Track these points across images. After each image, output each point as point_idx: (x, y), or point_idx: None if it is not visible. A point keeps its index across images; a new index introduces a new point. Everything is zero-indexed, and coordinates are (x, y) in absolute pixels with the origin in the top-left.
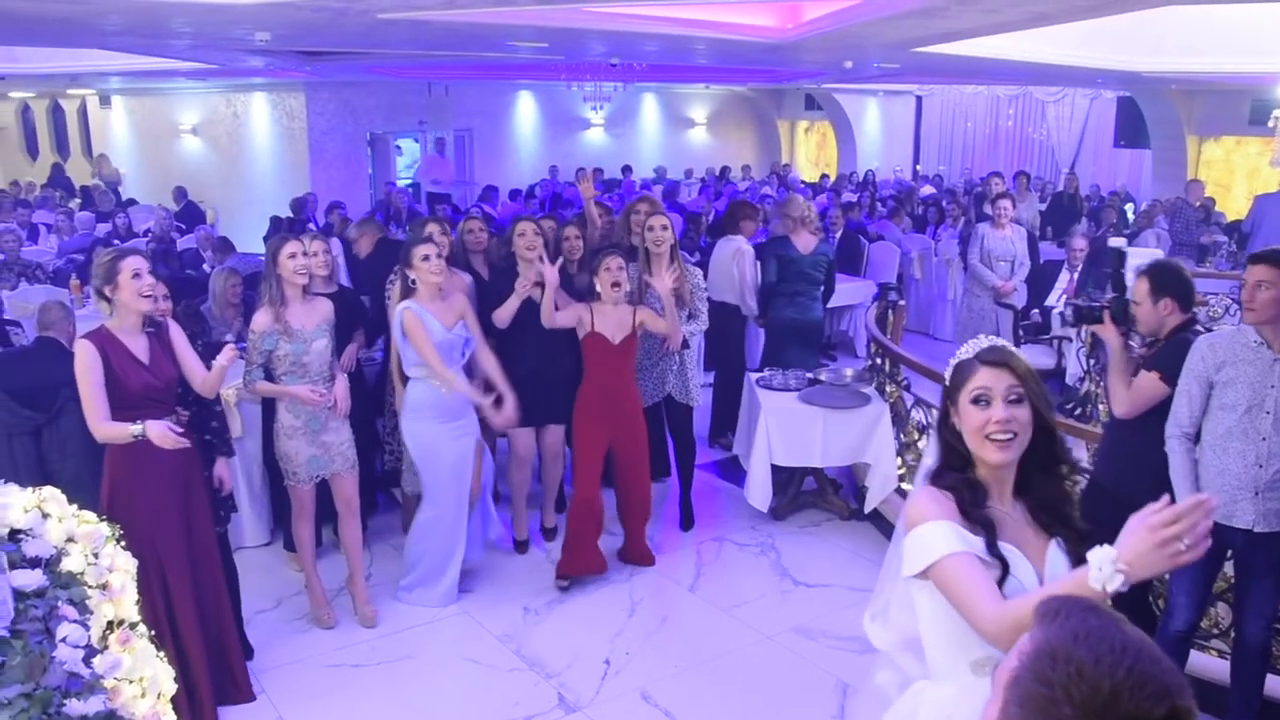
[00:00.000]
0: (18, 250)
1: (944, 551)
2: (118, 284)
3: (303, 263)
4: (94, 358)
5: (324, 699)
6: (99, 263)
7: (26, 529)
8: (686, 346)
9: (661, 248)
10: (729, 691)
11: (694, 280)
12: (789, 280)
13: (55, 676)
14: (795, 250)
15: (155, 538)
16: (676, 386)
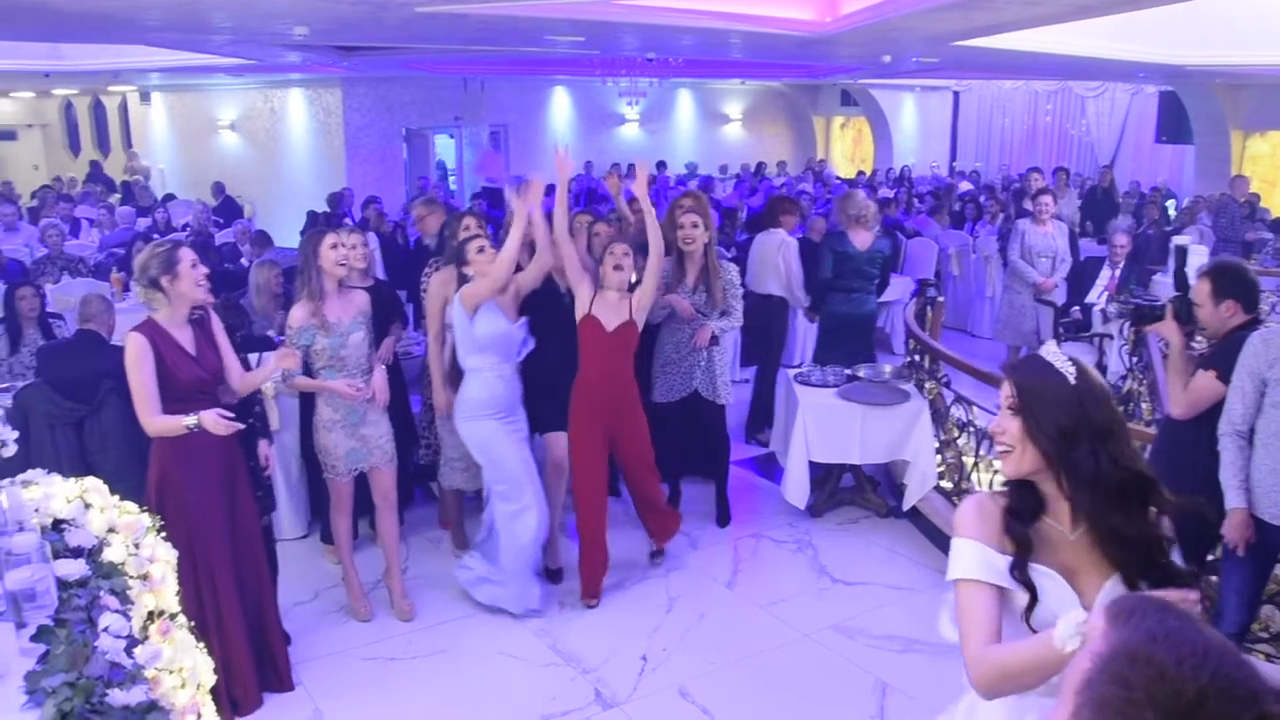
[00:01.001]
0: (60, 244)
1: (959, 574)
2: (177, 273)
3: (343, 254)
4: (145, 351)
5: (360, 691)
6: (154, 254)
7: (69, 519)
8: (716, 343)
9: (692, 246)
10: (767, 689)
11: (728, 277)
12: (845, 276)
13: (98, 666)
14: (852, 246)
15: (201, 528)
16: (704, 383)
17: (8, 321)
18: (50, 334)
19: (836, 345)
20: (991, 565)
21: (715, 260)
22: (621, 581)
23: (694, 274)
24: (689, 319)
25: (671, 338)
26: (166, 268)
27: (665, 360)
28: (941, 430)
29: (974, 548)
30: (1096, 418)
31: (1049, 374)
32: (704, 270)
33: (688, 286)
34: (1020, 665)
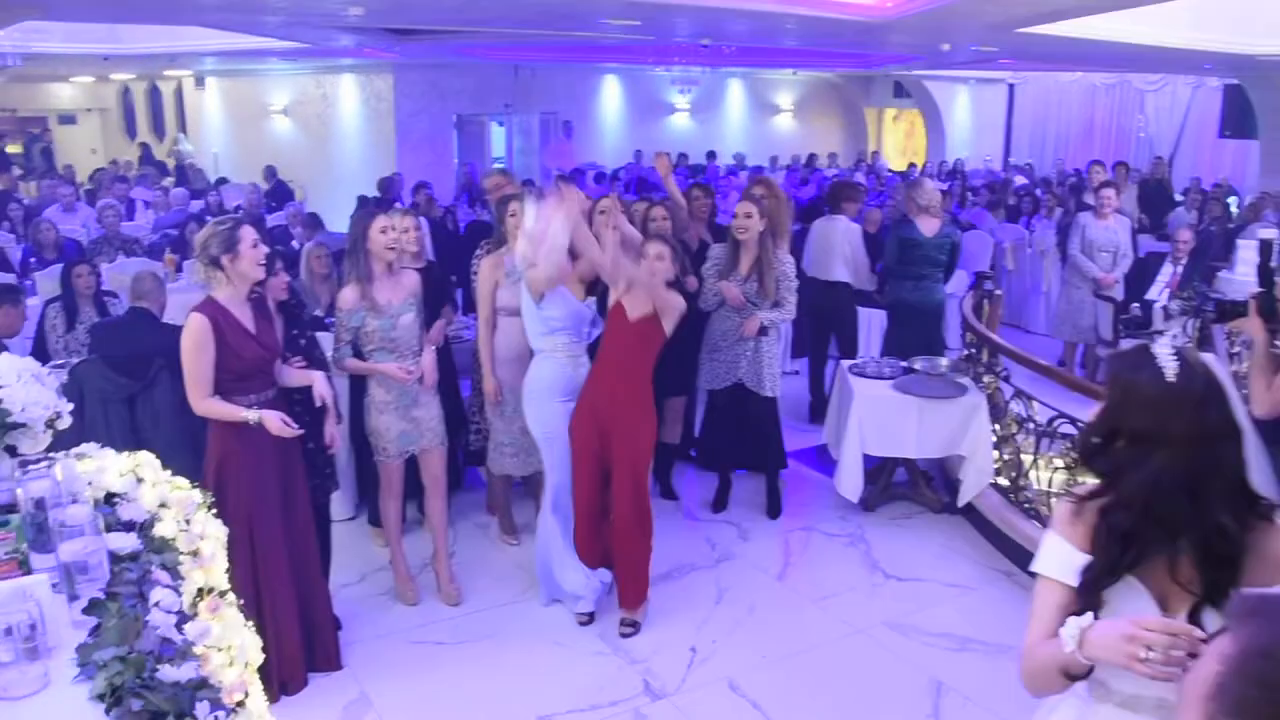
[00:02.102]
0: (117, 225)
1: (1037, 568)
2: (238, 252)
3: (393, 237)
4: (207, 333)
5: (406, 675)
6: (215, 232)
7: (121, 493)
8: (765, 334)
9: (745, 235)
10: (819, 685)
11: (782, 269)
12: (912, 263)
13: (149, 641)
14: (919, 233)
15: (259, 510)
16: (749, 374)
17: (65, 299)
18: (105, 312)
19: (906, 332)
20: (1069, 565)
21: (770, 251)
22: (670, 572)
23: (747, 263)
24: (738, 307)
25: (720, 325)
26: (227, 246)
27: (712, 347)
28: (999, 425)
29: (1056, 542)
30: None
31: (1142, 368)
32: (758, 260)
33: (740, 275)
34: (1039, 662)
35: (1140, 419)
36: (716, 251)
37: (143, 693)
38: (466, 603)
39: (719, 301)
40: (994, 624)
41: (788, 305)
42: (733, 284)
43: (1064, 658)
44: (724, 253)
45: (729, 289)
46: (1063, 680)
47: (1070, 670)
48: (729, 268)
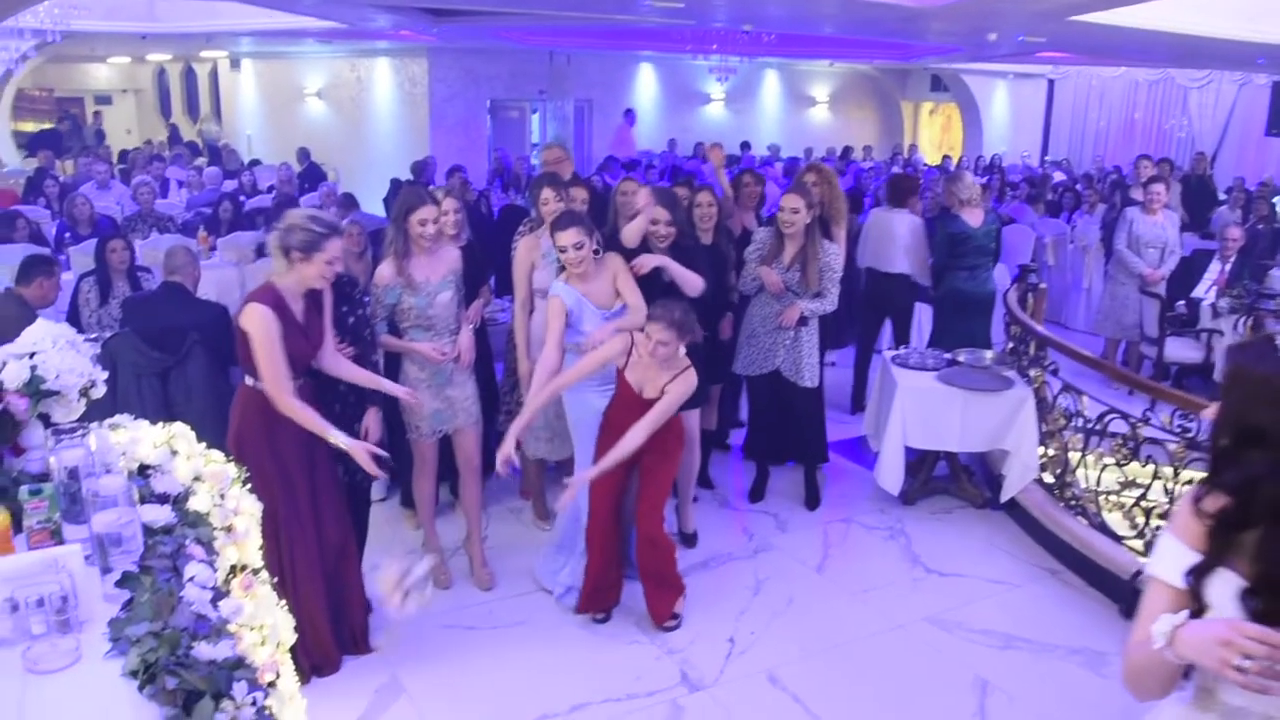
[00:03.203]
0: (151, 202)
1: (1149, 567)
2: (312, 259)
3: (431, 230)
4: (273, 324)
5: (438, 659)
6: (306, 226)
7: (155, 465)
8: (804, 324)
9: (791, 230)
10: (861, 680)
11: (826, 260)
12: (964, 255)
13: (183, 617)
14: (967, 225)
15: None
16: (786, 363)
17: (99, 273)
18: (139, 287)
19: (958, 323)
20: (1182, 566)
21: (816, 241)
22: (707, 561)
23: (791, 252)
24: (777, 294)
25: (760, 310)
26: (306, 247)
27: (750, 333)
28: (1046, 420)
29: (1170, 542)
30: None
31: (1267, 359)
32: (803, 250)
33: (783, 264)
34: (1136, 662)
35: (1268, 414)
36: (761, 235)
37: (178, 670)
38: (499, 587)
39: (758, 286)
40: (1039, 622)
41: (829, 296)
42: (774, 271)
43: (1154, 656)
44: (768, 238)
45: (769, 275)
46: (1162, 684)
47: (1162, 671)
48: (772, 254)
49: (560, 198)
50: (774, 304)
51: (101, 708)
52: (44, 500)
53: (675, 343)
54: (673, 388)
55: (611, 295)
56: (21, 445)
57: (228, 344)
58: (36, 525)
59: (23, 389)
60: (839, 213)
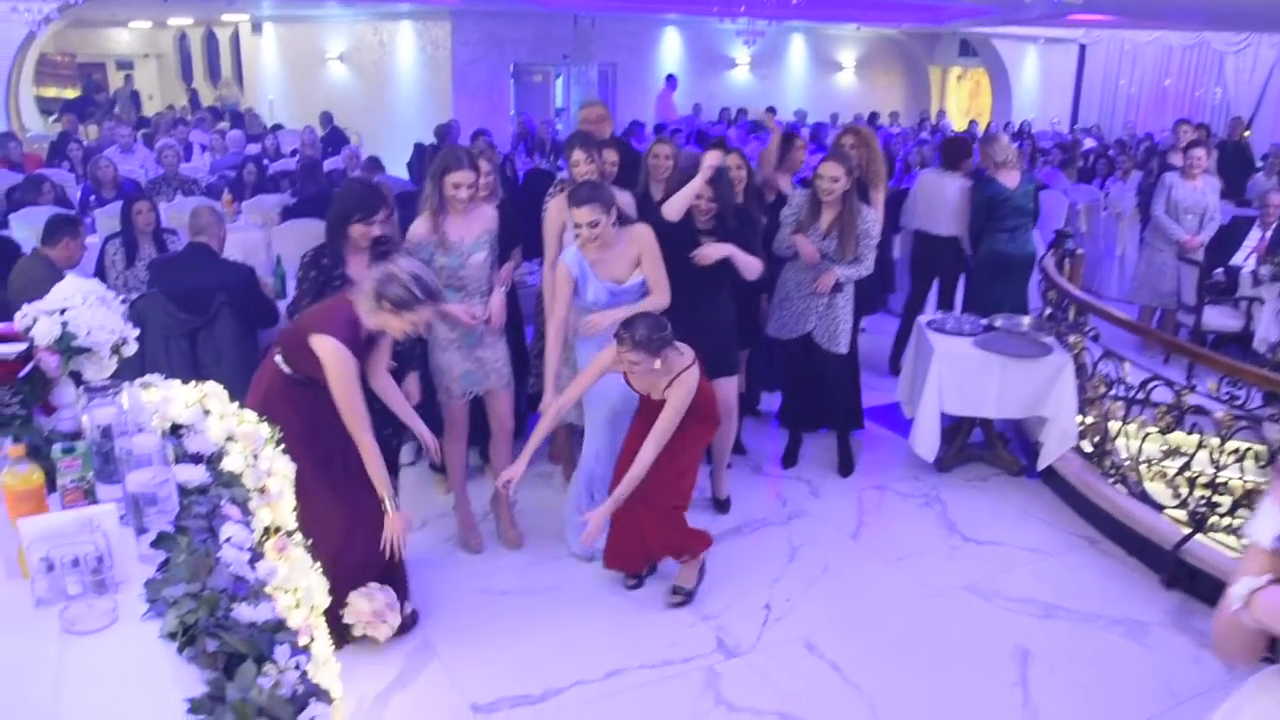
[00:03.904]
0: (176, 165)
1: (1246, 532)
2: (401, 315)
3: (464, 195)
4: (351, 362)
5: (470, 624)
6: (404, 283)
7: (188, 424)
8: (839, 290)
9: (831, 197)
10: (900, 648)
11: (864, 227)
12: (1005, 216)
13: (221, 578)
14: (1004, 187)
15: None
16: (820, 329)
17: (124, 235)
18: (164, 249)
19: (997, 286)
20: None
21: (854, 209)
22: (740, 527)
23: (828, 219)
24: (812, 264)
25: (794, 276)
26: (399, 304)
27: (783, 296)
28: (1087, 386)
29: (1269, 510)
30: None
31: None
32: (840, 216)
33: (819, 230)
34: (1218, 623)
35: None
36: (798, 200)
37: (218, 633)
38: (531, 552)
39: (794, 252)
40: (1079, 591)
41: (865, 262)
42: (810, 239)
43: (1233, 618)
44: (804, 203)
45: (805, 246)
46: (1243, 648)
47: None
48: (809, 221)
49: (591, 159)
50: (809, 269)
51: (140, 669)
52: (77, 459)
53: (647, 360)
54: (670, 394)
55: (628, 269)
56: (52, 404)
57: (255, 306)
58: (70, 484)
59: (53, 345)
60: (877, 176)
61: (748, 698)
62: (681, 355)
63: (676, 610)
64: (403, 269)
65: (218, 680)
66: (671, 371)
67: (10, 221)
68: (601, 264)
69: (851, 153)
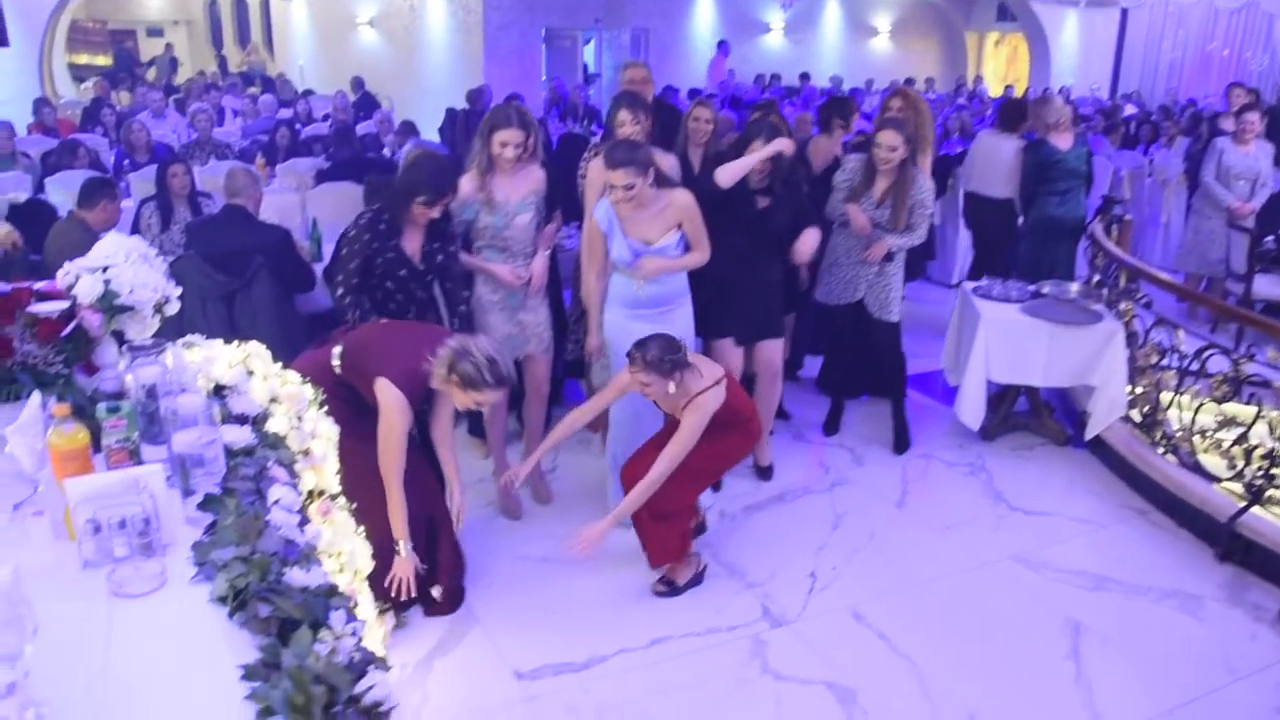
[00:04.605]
0: (209, 129)
1: None
2: (466, 391)
3: (511, 154)
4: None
5: (511, 591)
6: (478, 364)
7: (231, 385)
8: (890, 259)
9: (888, 166)
10: (948, 619)
11: (920, 197)
12: (1055, 179)
13: (271, 541)
14: (1057, 149)
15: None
16: (871, 297)
17: (160, 199)
18: (199, 212)
19: (1045, 250)
20: None
21: (909, 178)
22: (783, 495)
23: (882, 187)
24: (862, 234)
25: (844, 242)
26: (466, 382)
27: (832, 261)
28: (1138, 354)
29: None
30: None
31: None
32: (895, 185)
33: (872, 199)
34: None
35: None
36: (852, 165)
37: (270, 597)
38: (571, 518)
39: (846, 219)
40: (1130, 563)
41: (918, 230)
42: (863, 209)
43: None
44: (859, 170)
45: (857, 216)
46: None
47: None
48: (862, 189)
49: (637, 120)
50: (859, 236)
51: (190, 634)
52: (123, 419)
53: (659, 381)
54: (685, 415)
55: (660, 231)
56: (95, 363)
57: (292, 269)
58: (115, 444)
59: (96, 304)
60: (925, 140)
61: (794, 667)
62: (701, 378)
63: (720, 578)
64: (481, 348)
65: (272, 646)
66: (688, 394)
67: (46, 185)
68: (633, 223)
69: (899, 116)
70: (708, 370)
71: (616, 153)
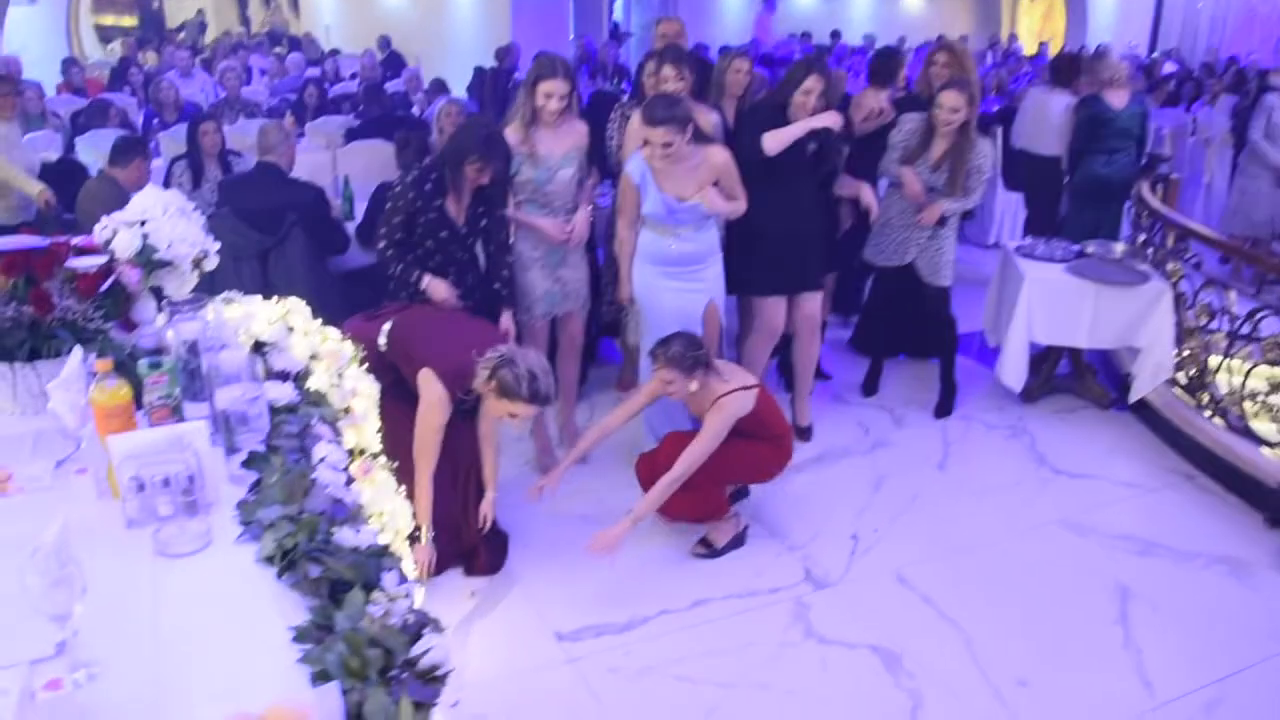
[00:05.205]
0: (238, 88)
1: None
2: (500, 401)
3: (555, 105)
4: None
5: (550, 551)
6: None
7: (272, 341)
8: (943, 223)
9: (948, 128)
10: (994, 582)
11: (977, 161)
12: (1107, 137)
13: (318, 501)
14: (1110, 107)
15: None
16: (922, 260)
17: (190, 157)
18: (230, 171)
19: (1088, 210)
20: None
21: (970, 140)
22: (822, 456)
23: (940, 150)
24: (915, 200)
25: (897, 203)
26: (503, 390)
27: (885, 220)
28: (1190, 314)
29: None
30: None
31: None
32: (953, 149)
33: (929, 162)
34: None
35: None
36: (910, 125)
37: (322, 558)
38: (608, 475)
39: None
40: (1179, 529)
41: (973, 195)
42: (918, 173)
43: None
44: (916, 131)
45: (911, 182)
46: None
47: None
48: (918, 151)
49: (681, 76)
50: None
51: (237, 594)
52: (164, 375)
53: (681, 379)
54: (709, 417)
55: (694, 188)
56: (133, 320)
57: (326, 229)
58: (157, 401)
59: (134, 259)
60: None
61: (839, 630)
62: (725, 381)
63: (761, 539)
64: (527, 361)
65: (324, 608)
66: (713, 394)
67: (76, 145)
68: (667, 177)
69: (944, 71)
70: (738, 376)
71: (656, 109)
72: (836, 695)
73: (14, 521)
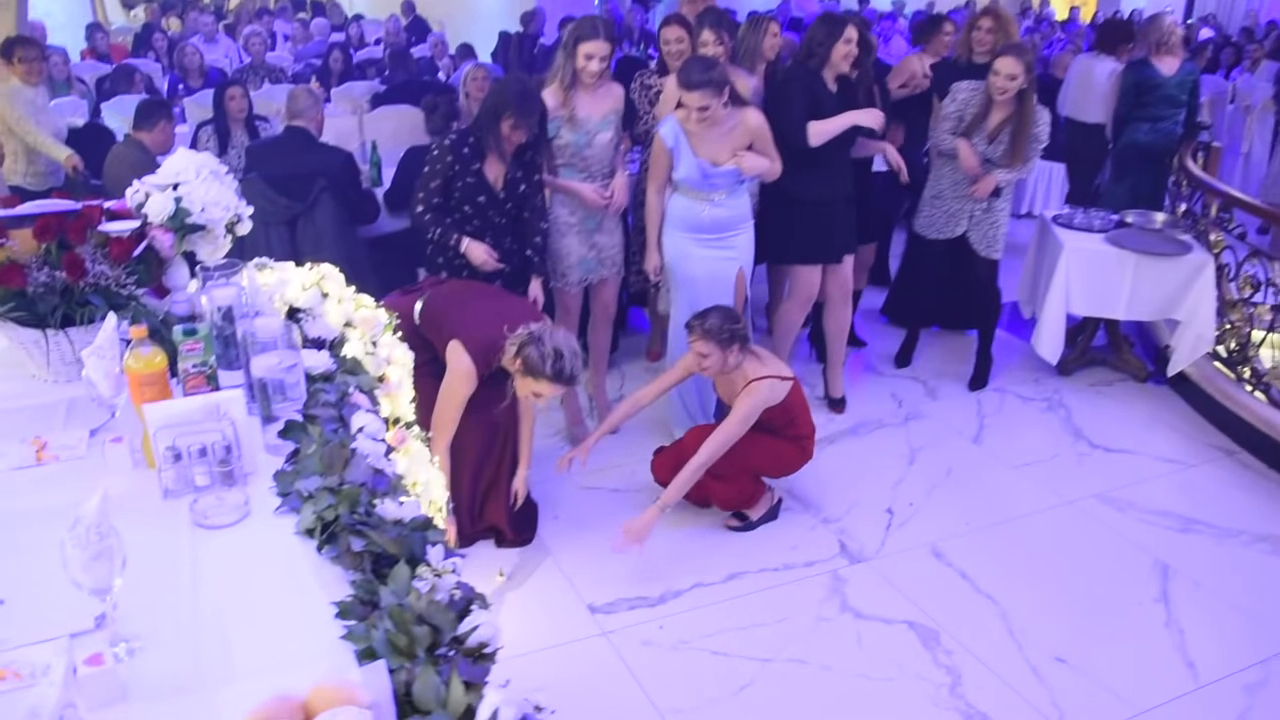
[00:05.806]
0: (263, 52)
1: None
2: (524, 379)
3: (596, 66)
4: (470, 384)
5: (582, 523)
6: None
7: (306, 308)
8: (998, 195)
9: (1005, 96)
10: (1031, 558)
11: (1036, 131)
12: (1152, 104)
13: (358, 472)
14: (1159, 73)
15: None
16: (976, 233)
17: (217, 122)
18: (256, 136)
19: (1127, 180)
20: None
21: (1030, 110)
22: (855, 428)
23: (997, 119)
24: (971, 174)
25: (950, 174)
26: (528, 369)
27: (936, 193)
28: (1234, 286)
29: None
30: None
31: None
32: (1012, 118)
33: (985, 133)
34: None
35: None
36: (964, 94)
37: (365, 531)
38: (640, 449)
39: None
40: (1220, 505)
41: (1029, 164)
42: (976, 143)
43: None
44: (972, 101)
45: (967, 156)
46: None
47: None
48: (975, 122)
49: (720, 40)
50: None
51: (277, 567)
52: (199, 342)
53: (716, 352)
54: (739, 401)
55: (728, 152)
56: (165, 286)
57: (355, 196)
58: (192, 369)
59: (167, 223)
60: None
61: (875, 605)
62: (761, 364)
63: (795, 512)
64: (555, 340)
65: (368, 583)
66: (746, 376)
67: (102, 110)
68: (701, 140)
69: (988, 37)
70: (774, 365)
71: (692, 73)
72: (873, 670)
73: (50, 491)
